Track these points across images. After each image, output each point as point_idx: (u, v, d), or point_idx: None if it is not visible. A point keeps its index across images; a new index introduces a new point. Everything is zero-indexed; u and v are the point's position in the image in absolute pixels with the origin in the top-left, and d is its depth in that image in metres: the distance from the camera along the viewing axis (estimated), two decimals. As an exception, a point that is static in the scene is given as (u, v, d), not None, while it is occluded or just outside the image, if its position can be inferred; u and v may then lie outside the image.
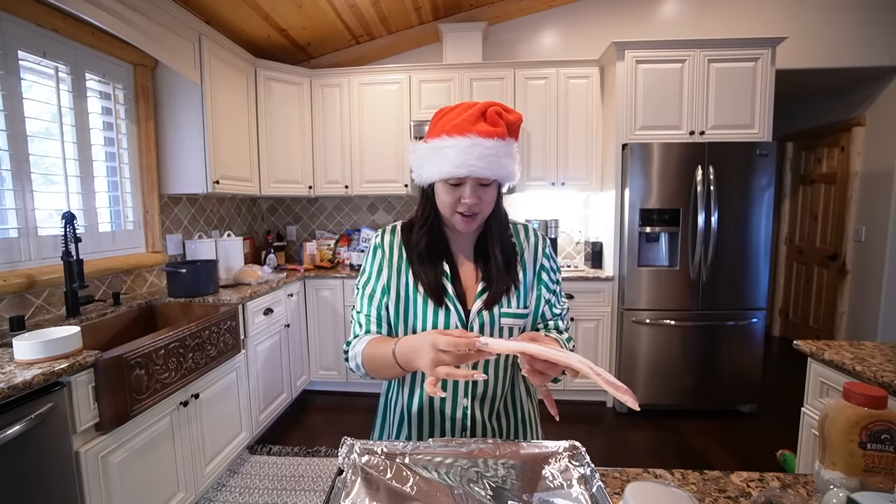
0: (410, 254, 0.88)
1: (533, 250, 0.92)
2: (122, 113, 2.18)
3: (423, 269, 0.86)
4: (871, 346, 1.34)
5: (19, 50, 1.67)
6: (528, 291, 0.90)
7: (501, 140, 0.78)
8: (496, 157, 0.77)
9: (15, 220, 1.66)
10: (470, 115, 0.78)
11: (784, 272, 4.29)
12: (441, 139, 0.79)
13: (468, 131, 0.77)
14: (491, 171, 0.78)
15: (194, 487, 1.78)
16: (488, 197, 0.82)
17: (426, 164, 0.82)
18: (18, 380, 1.09)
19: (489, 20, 3.14)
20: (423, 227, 0.88)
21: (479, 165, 0.77)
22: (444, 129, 0.79)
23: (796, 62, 2.97)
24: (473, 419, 0.87)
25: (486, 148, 0.77)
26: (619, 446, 2.41)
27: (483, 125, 0.78)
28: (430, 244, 0.87)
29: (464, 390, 0.86)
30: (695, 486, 0.70)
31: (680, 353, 2.65)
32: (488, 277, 0.86)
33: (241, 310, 2.16)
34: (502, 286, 0.86)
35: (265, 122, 2.90)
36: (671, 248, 2.66)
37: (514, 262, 0.89)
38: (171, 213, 2.47)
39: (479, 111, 0.78)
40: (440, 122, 0.82)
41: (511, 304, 0.86)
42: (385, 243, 0.91)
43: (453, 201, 0.81)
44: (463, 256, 0.91)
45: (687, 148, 2.56)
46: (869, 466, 0.60)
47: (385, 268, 0.89)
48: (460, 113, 0.80)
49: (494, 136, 0.77)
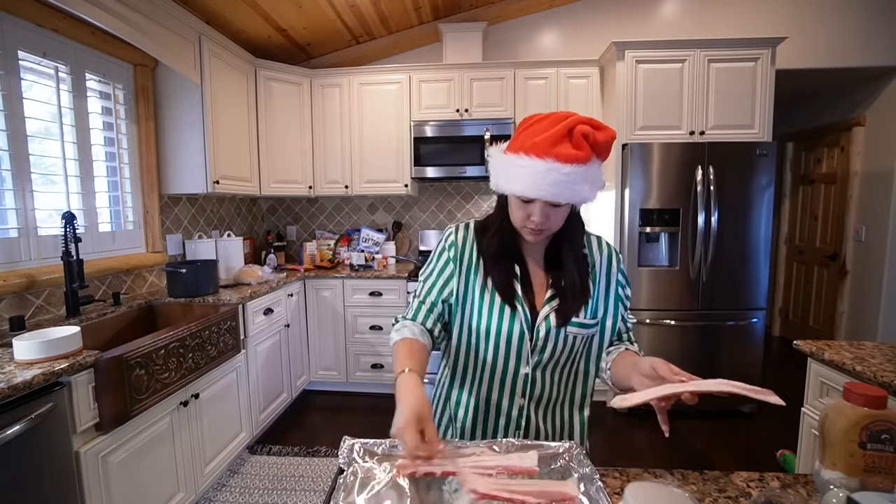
0: (483, 254, 0.90)
1: (606, 263, 0.92)
2: (122, 113, 2.17)
3: (495, 270, 0.88)
4: (871, 346, 1.34)
5: (19, 50, 1.67)
6: (598, 304, 0.90)
7: (581, 165, 0.74)
8: (571, 183, 0.74)
9: (15, 220, 1.66)
10: (553, 134, 0.74)
11: (784, 272, 4.29)
12: (518, 156, 0.77)
13: (546, 154, 0.74)
14: (563, 197, 0.76)
15: (194, 487, 1.78)
16: (557, 216, 0.81)
17: (502, 175, 0.81)
18: (18, 380, 1.09)
19: (489, 20, 3.14)
20: (496, 231, 0.89)
21: (550, 191, 0.75)
22: (524, 146, 0.76)
23: (796, 62, 2.97)
24: (528, 419, 0.89)
25: (562, 174, 0.73)
26: (618, 446, 2.41)
27: (564, 147, 0.74)
28: (502, 248, 0.88)
29: (521, 390, 0.88)
30: (695, 486, 0.70)
31: (680, 353, 2.65)
32: (558, 286, 0.87)
33: (241, 310, 2.16)
34: (578, 301, 0.86)
35: (265, 122, 2.90)
36: (671, 248, 2.66)
37: (586, 274, 0.89)
38: (171, 213, 2.47)
39: (564, 130, 0.74)
40: (524, 133, 0.79)
41: (579, 314, 0.87)
42: (459, 239, 0.92)
43: (523, 216, 0.81)
44: (533, 262, 0.91)
45: (687, 148, 2.56)
46: (869, 466, 0.60)
47: (453, 263, 0.90)
48: (545, 128, 0.76)
49: (574, 161, 0.73)
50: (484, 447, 0.72)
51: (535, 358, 0.87)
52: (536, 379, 0.88)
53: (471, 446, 0.72)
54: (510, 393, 0.89)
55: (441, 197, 3.44)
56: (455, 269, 0.90)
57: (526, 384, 0.88)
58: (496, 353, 0.88)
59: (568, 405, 0.94)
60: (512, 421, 0.89)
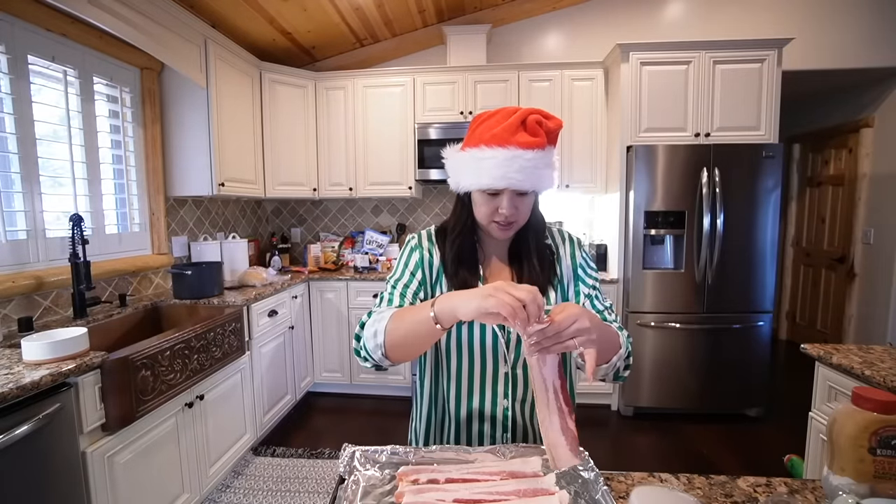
0: (444, 258, 0.89)
1: (569, 249, 0.94)
2: (128, 116, 2.20)
3: (458, 273, 0.86)
4: (880, 351, 1.33)
5: (29, 54, 1.69)
6: (567, 290, 0.90)
7: (541, 150, 0.77)
8: (535, 168, 0.76)
9: (24, 223, 1.68)
10: (510, 124, 0.76)
11: (791, 275, 4.25)
12: (480, 149, 0.78)
13: (508, 142, 0.76)
14: (530, 182, 0.77)
15: (199, 488, 1.79)
16: (525, 206, 0.82)
17: (464, 173, 0.82)
18: (27, 380, 1.10)
19: (493, 22, 3.14)
20: (457, 233, 0.88)
21: (518, 178, 0.76)
22: (484, 139, 0.78)
23: (803, 63, 2.95)
24: (514, 420, 0.87)
25: (526, 160, 0.75)
26: (624, 450, 2.39)
27: (523, 135, 0.76)
28: (465, 249, 0.88)
29: (503, 392, 0.87)
30: (701, 490, 0.69)
31: (685, 357, 2.63)
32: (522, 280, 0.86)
33: (245, 311, 2.17)
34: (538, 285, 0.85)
35: (270, 124, 2.92)
36: (676, 250, 2.64)
37: (549, 262, 0.89)
38: (176, 216, 2.49)
39: (518, 119, 0.77)
40: (479, 128, 0.81)
41: (551, 301, 0.87)
42: (423, 246, 0.91)
43: (490, 211, 0.81)
44: (498, 260, 0.91)
45: (692, 150, 2.54)
46: (879, 472, 0.59)
47: (420, 269, 0.89)
48: (500, 121, 0.78)
49: (534, 146, 0.76)
50: (486, 453, 0.72)
51: (513, 355, 0.86)
52: (518, 377, 0.87)
53: (474, 452, 0.72)
54: (492, 396, 0.87)
55: (445, 199, 3.44)
56: (423, 275, 0.88)
57: (507, 384, 0.86)
58: (471, 358, 0.86)
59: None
60: (498, 424, 0.87)
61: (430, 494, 0.61)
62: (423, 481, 0.64)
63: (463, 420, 0.88)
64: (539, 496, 0.61)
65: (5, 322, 1.55)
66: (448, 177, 0.88)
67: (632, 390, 2.70)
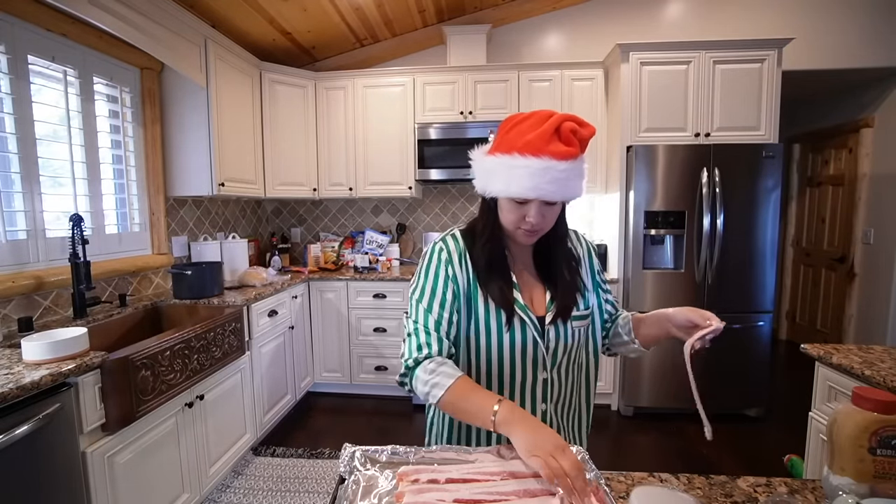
0: (476, 266, 0.87)
1: (587, 254, 0.97)
2: (128, 116, 2.20)
3: (491, 283, 0.85)
4: (880, 351, 1.33)
5: (29, 54, 1.69)
6: (588, 293, 0.93)
7: (573, 161, 0.75)
8: (567, 179, 0.75)
9: (24, 222, 1.68)
10: (543, 131, 0.74)
11: (791, 275, 4.25)
12: (513, 157, 0.76)
13: (542, 152, 0.73)
14: (560, 193, 0.77)
15: (199, 488, 1.79)
16: (552, 215, 0.82)
17: (493, 179, 0.79)
18: (27, 380, 1.10)
19: (493, 22, 3.14)
20: (486, 240, 0.86)
21: (549, 189, 0.75)
22: (516, 146, 0.76)
23: (803, 63, 2.95)
24: (551, 422, 0.89)
25: (559, 171, 0.74)
26: (624, 450, 2.39)
27: (557, 145, 0.74)
28: (496, 256, 0.86)
29: (542, 395, 0.88)
30: (701, 490, 0.69)
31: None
32: (555, 287, 0.88)
33: (245, 311, 2.17)
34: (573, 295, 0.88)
35: (270, 124, 2.92)
36: (676, 250, 2.64)
37: (575, 270, 0.91)
38: (176, 215, 2.49)
39: (553, 127, 0.74)
40: (511, 133, 0.78)
41: (579, 307, 0.89)
42: (454, 255, 0.87)
43: (517, 218, 0.81)
44: (524, 266, 0.91)
45: (692, 150, 2.54)
46: (879, 472, 0.59)
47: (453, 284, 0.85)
48: (533, 126, 0.76)
49: (568, 157, 0.74)
50: (486, 453, 0.72)
51: (551, 361, 0.87)
52: (555, 381, 0.88)
53: (474, 452, 0.72)
54: (531, 401, 0.88)
55: (445, 199, 3.44)
56: (457, 291, 0.85)
57: (546, 389, 0.87)
58: (513, 366, 0.86)
59: (584, 399, 0.96)
60: None
61: (430, 494, 0.61)
62: (423, 481, 0.64)
63: None
64: (539, 496, 0.61)
65: (5, 322, 1.55)
66: (474, 178, 0.85)
67: (632, 390, 2.70)
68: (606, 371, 2.79)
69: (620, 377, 2.75)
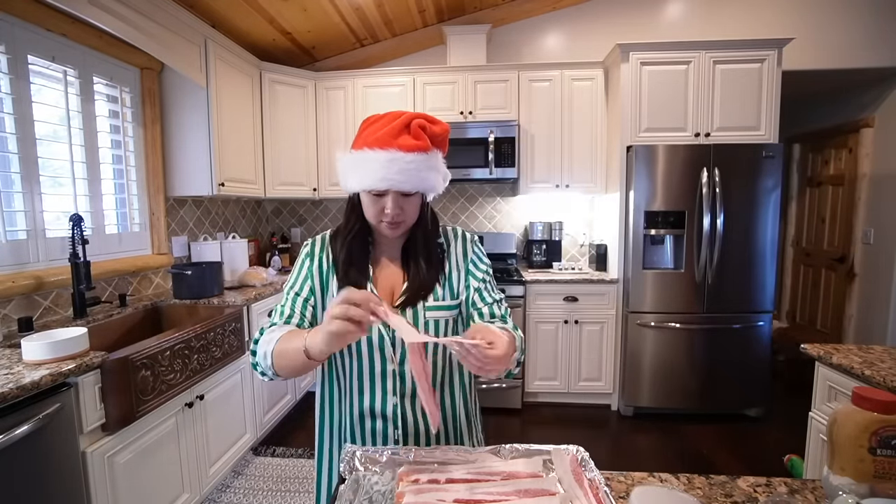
0: (336, 260, 0.90)
1: (462, 246, 0.95)
2: (128, 116, 2.20)
3: (348, 274, 0.88)
4: (880, 351, 1.33)
5: (29, 54, 1.69)
6: (458, 285, 0.92)
7: (423, 153, 0.79)
8: (417, 170, 0.79)
9: (24, 222, 1.68)
10: (393, 128, 0.79)
11: (791, 275, 4.25)
12: (363, 151, 0.80)
13: (389, 145, 0.78)
14: (411, 184, 0.80)
15: (199, 488, 1.79)
16: (411, 207, 0.84)
17: (351, 174, 0.83)
18: (27, 380, 1.10)
19: (493, 22, 3.14)
20: (348, 235, 0.90)
21: (398, 179, 0.78)
22: (367, 142, 0.80)
23: (803, 63, 2.95)
24: (405, 416, 0.87)
25: (406, 162, 0.78)
26: (623, 450, 2.39)
27: (405, 139, 0.79)
28: (356, 250, 0.89)
29: (392, 389, 0.87)
30: (701, 490, 0.69)
31: (685, 357, 2.63)
32: (411, 278, 0.89)
33: (245, 311, 2.17)
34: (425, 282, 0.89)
35: (270, 124, 2.92)
36: (676, 250, 2.64)
37: (436, 259, 0.91)
38: (176, 215, 2.49)
39: (402, 124, 0.79)
40: (365, 132, 0.83)
41: (438, 297, 0.89)
42: (316, 251, 0.93)
43: (377, 211, 0.83)
44: (389, 261, 0.93)
45: (692, 150, 2.54)
46: (879, 472, 0.59)
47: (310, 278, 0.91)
48: (384, 125, 0.80)
49: (416, 150, 0.79)
50: (487, 453, 0.72)
51: (398, 354, 0.86)
52: (405, 374, 0.87)
53: (475, 452, 0.72)
54: (382, 394, 0.87)
55: (445, 199, 3.44)
56: (312, 284, 0.90)
57: (395, 382, 0.87)
58: (360, 358, 0.88)
59: (451, 400, 0.92)
60: (388, 422, 0.87)
61: (430, 494, 0.61)
62: (423, 481, 0.64)
63: (356, 418, 0.89)
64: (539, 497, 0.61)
65: (5, 322, 1.55)
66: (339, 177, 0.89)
67: (632, 390, 2.70)
68: (606, 371, 2.79)
69: (620, 377, 2.75)
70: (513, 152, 2.88)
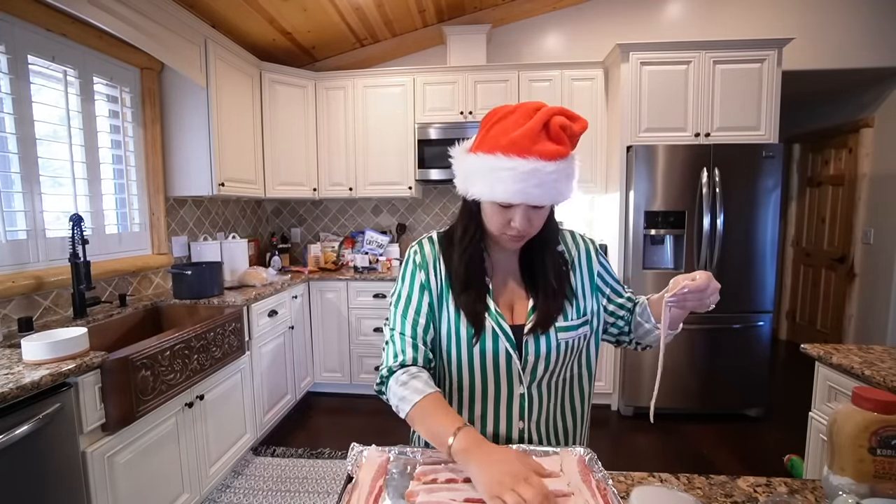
0: (451, 273, 0.82)
1: (585, 257, 0.86)
2: (128, 116, 2.20)
3: (465, 291, 0.79)
4: (880, 351, 1.33)
5: (29, 54, 1.69)
6: (585, 301, 0.84)
7: (564, 161, 0.69)
8: (556, 182, 0.69)
9: (24, 222, 1.68)
10: (530, 129, 0.67)
11: (791, 275, 4.25)
12: (496, 157, 0.69)
13: (528, 152, 0.67)
14: (548, 197, 0.70)
15: (199, 488, 1.79)
16: (539, 219, 0.75)
17: (475, 179, 0.73)
18: (27, 380, 1.10)
19: (493, 22, 3.14)
20: (465, 245, 0.80)
21: (536, 193, 0.69)
22: (500, 145, 0.69)
23: (803, 63, 2.95)
24: (531, 440, 0.83)
25: (547, 174, 0.67)
26: (623, 450, 2.39)
27: (545, 144, 0.67)
28: (472, 264, 0.80)
29: (518, 412, 0.81)
30: (701, 490, 0.69)
31: (685, 357, 2.63)
32: (536, 293, 0.80)
33: (245, 312, 2.17)
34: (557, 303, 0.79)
35: (270, 124, 2.92)
36: (676, 250, 2.64)
37: (564, 274, 0.82)
38: (176, 216, 2.49)
39: (541, 123, 0.67)
40: (494, 129, 0.71)
41: (569, 317, 0.81)
42: (428, 259, 0.84)
43: (502, 223, 0.74)
44: (508, 273, 0.84)
45: (692, 150, 2.54)
46: (879, 472, 0.59)
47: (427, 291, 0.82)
48: (519, 122, 0.69)
49: (557, 157, 0.67)
50: None
51: (528, 377, 0.80)
52: (534, 397, 0.81)
53: None
54: (507, 418, 0.81)
55: (445, 199, 3.44)
56: (430, 297, 0.82)
57: (523, 406, 0.81)
58: (484, 379, 0.81)
59: (570, 415, 0.87)
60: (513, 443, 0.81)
61: (441, 494, 0.61)
62: (441, 481, 0.64)
63: None
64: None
65: (5, 322, 1.55)
66: (455, 177, 0.79)
67: (632, 390, 2.70)
68: (606, 371, 2.79)
69: (620, 377, 2.75)
70: (513, 152, 2.88)
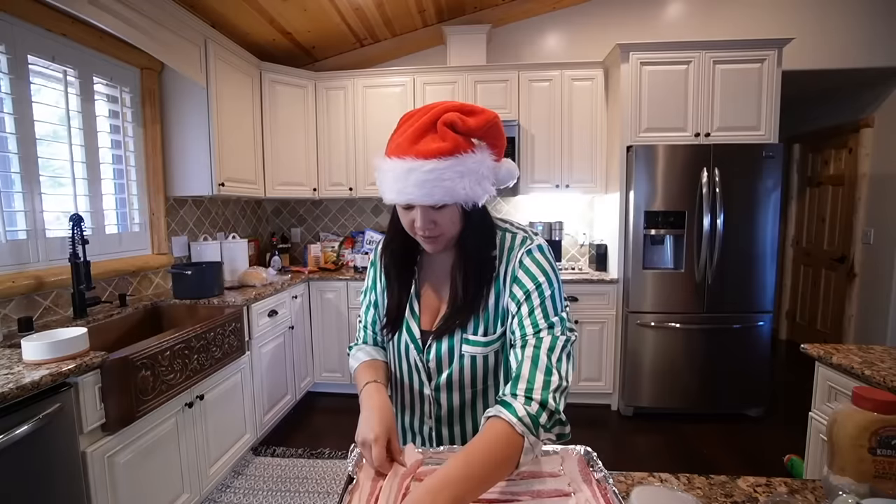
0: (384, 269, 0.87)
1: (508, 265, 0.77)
2: (128, 116, 2.20)
3: (391, 290, 0.84)
4: (880, 351, 1.33)
5: (29, 54, 1.69)
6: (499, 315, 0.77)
7: (447, 158, 0.66)
8: (438, 180, 0.66)
9: (24, 222, 1.68)
10: (417, 128, 0.67)
11: (791, 275, 4.25)
12: (384, 160, 0.71)
13: (406, 153, 0.67)
14: (433, 197, 0.67)
15: (199, 488, 1.79)
16: (445, 219, 0.72)
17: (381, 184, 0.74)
18: (27, 380, 1.10)
19: (493, 23, 3.14)
20: (389, 246, 0.84)
21: (416, 193, 0.67)
22: (390, 149, 0.71)
23: (803, 63, 2.95)
24: (440, 436, 0.86)
25: (425, 172, 0.66)
26: (624, 450, 2.39)
27: (425, 143, 0.66)
28: (399, 264, 0.83)
29: (428, 412, 0.85)
30: (701, 490, 0.69)
31: (685, 356, 2.63)
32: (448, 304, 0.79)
33: (245, 311, 2.17)
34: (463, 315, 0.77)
35: (270, 124, 2.92)
36: (676, 250, 2.64)
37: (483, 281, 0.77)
38: (176, 215, 2.49)
39: (429, 122, 0.67)
40: (394, 133, 0.73)
41: (478, 330, 0.77)
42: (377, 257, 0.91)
43: (409, 224, 0.74)
44: (438, 275, 0.84)
45: (692, 150, 2.54)
46: (879, 472, 0.59)
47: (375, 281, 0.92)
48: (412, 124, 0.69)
49: (436, 155, 0.66)
50: None
51: (434, 380, 0.81)
52: (441, 400, 0.82)
53: None
54: (420, 414, 0.86)
55: (445, 199, 3.44)
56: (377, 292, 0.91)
57: (429, 405, 0.84)
58: (401, 373, 0.86)
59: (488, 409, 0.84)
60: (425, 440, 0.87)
61: None
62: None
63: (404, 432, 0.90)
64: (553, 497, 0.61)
65: (5, 322, 1.55)
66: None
67: (632, 390, 2.70)
68: (606, 371, 2.79)
69: (620, 377, 2.75)
70: (513, 152, 2.88)
